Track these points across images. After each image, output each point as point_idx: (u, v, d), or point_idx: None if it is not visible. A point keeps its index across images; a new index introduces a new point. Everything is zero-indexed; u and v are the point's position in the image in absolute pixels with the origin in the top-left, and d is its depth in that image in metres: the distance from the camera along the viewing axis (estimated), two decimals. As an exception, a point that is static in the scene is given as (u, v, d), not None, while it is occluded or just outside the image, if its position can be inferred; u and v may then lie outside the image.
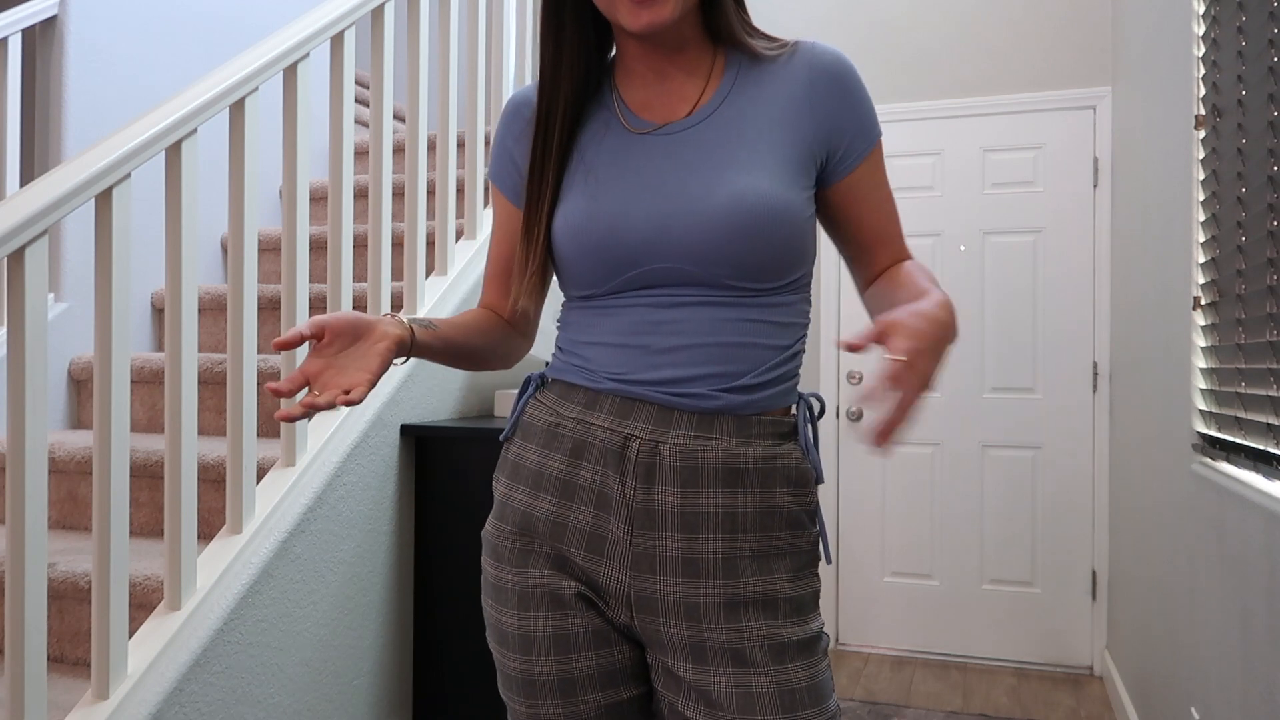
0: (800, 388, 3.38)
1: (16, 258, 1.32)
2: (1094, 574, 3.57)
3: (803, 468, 1.02)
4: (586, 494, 1.00)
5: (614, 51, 1.11)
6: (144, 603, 1.74)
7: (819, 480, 1.04)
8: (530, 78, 2.85)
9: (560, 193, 1.04)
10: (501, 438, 1.10)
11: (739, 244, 0.97)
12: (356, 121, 4.21)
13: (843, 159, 1.05)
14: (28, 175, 2.75)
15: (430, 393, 2.19)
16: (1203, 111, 2.05)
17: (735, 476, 0.98)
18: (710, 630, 0.97)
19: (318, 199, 3.24)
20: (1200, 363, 2.04)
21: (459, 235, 2.82)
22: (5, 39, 2.48)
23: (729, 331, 1.00)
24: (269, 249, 3.00)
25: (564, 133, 1.05)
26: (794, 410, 1.05)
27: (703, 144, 1.01)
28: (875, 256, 1.10)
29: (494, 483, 1.09)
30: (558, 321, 1.13)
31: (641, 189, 1.01)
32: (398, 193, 3.13)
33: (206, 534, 2.04)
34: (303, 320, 1.83)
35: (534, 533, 1.02)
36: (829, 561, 1.04)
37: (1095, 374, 3.57)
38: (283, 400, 1.01)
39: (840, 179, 1.06)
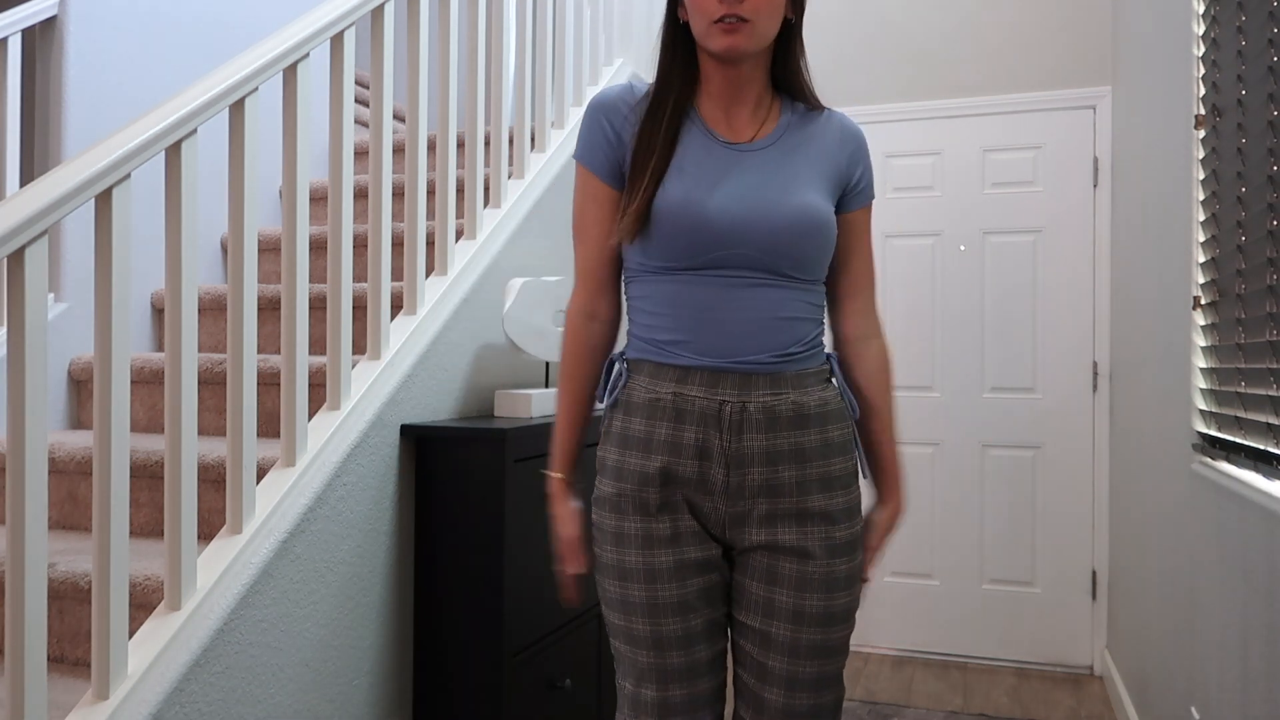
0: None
1: (16, 258, 1.32)
2: (1094, 574, 3.57)
3: (842, 407, 1.35)
4: (691, 450, 1.28)
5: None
6: (144, 603, 1.74)
7: (855, 415, 1.38)
8: (530, 78, 2.85)
9: (666, 172, 1.29)
10: (604, 405, 1.37)
11: (799, 242, 1.28)
12: (356, 121, 4.21)
13: (851, 200, 1.38)
14: (28, 175, 2.75)
15: (430, 393, 2.19)
16: (1203, 111, 2.05)
17: (802, 420, 1.29)
18: (783, 533, 1.30)
19: (318, 199, 3.24)
20: (1200, 363, 2.04)
21: (459, 235, 2.82)
22: (5, 39, 2.48)
23: (785, 309, 1.29)
24: (269, 249, 3.00)
25: (673, 124, 1.30)
26: (825, 364, 1.36)
27: (770, 164, 1.31)
28: (853, 290, 1.41)
29: (601, 452, 1.36)
30: (629, 284, 1.37)
31: (729, 188, 1.28)
32: (398, 193, 3.13)
33: (206, 534, 2.04)
34: (302, 320, 1.83)
35: (650, 485, 1.29)
36: (866, 476, 1.42)
37: (1095, 374, 3.57)
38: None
39: (843, 214, 1.39)
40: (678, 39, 1.34)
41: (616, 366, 1.38)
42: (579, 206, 1.37)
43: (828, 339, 1.88)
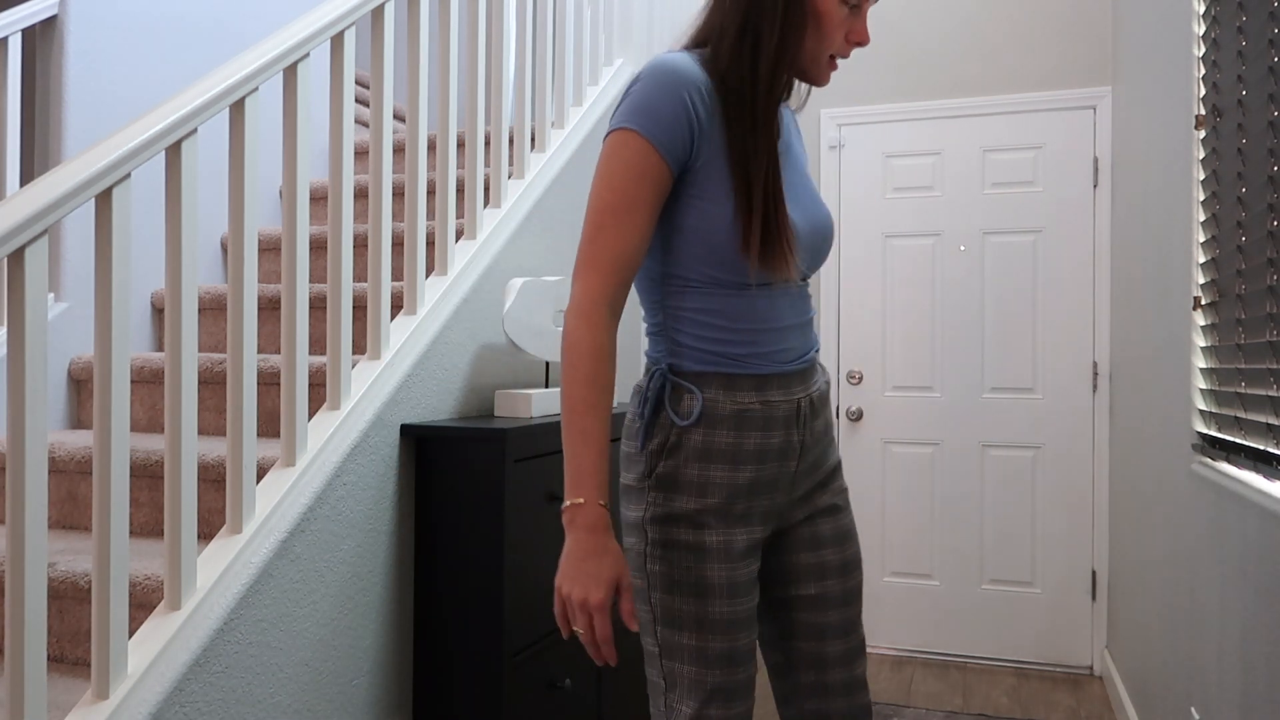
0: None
1: (16, 258, 1.32)
2: (1094, 574, 3.57)
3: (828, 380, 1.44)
4: (775, 453, 1.27)
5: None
6: (144, 603, 1.74)
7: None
8: (530, 77, 2.85)
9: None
10: (684, 422, 1.25)
11: (829, 247, 1.35)
12: (356, 121, 4.21)
13: None
14: (28, 175, 2.75)
15: (430, 393, 2.19)
16: (1203, 111, 2.05)
17: (825, 400, 1.37)
18: (820, 499, 1.36)
19: (318, 199, 3.24)
20: (1200, 363, 2.04)
21: (459, 235, 2.81)
22: (5, 39, 2.48)
23: (811, 308, 1.35)
24: (269, 249, 3.00)
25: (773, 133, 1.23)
26: None
27: (795, 169, 1.33)
28: None
29: (668, 468, 1.25)
30: (663, 291, 1.28)
31: (802, 199, 1.30)
32: (398, 193, 3.13)
33: (206, 534, 2.04)
34: (302, 320, 1.83)
35: (739, 497, 1.25)
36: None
37: (1095, 374, 3.57)
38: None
39: None
40: (808, 29, 1.22)
41: (666, 380, 1.26)
42: (624, 184, 1.18)
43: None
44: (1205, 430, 1.97)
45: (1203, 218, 2.05)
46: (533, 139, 3.09)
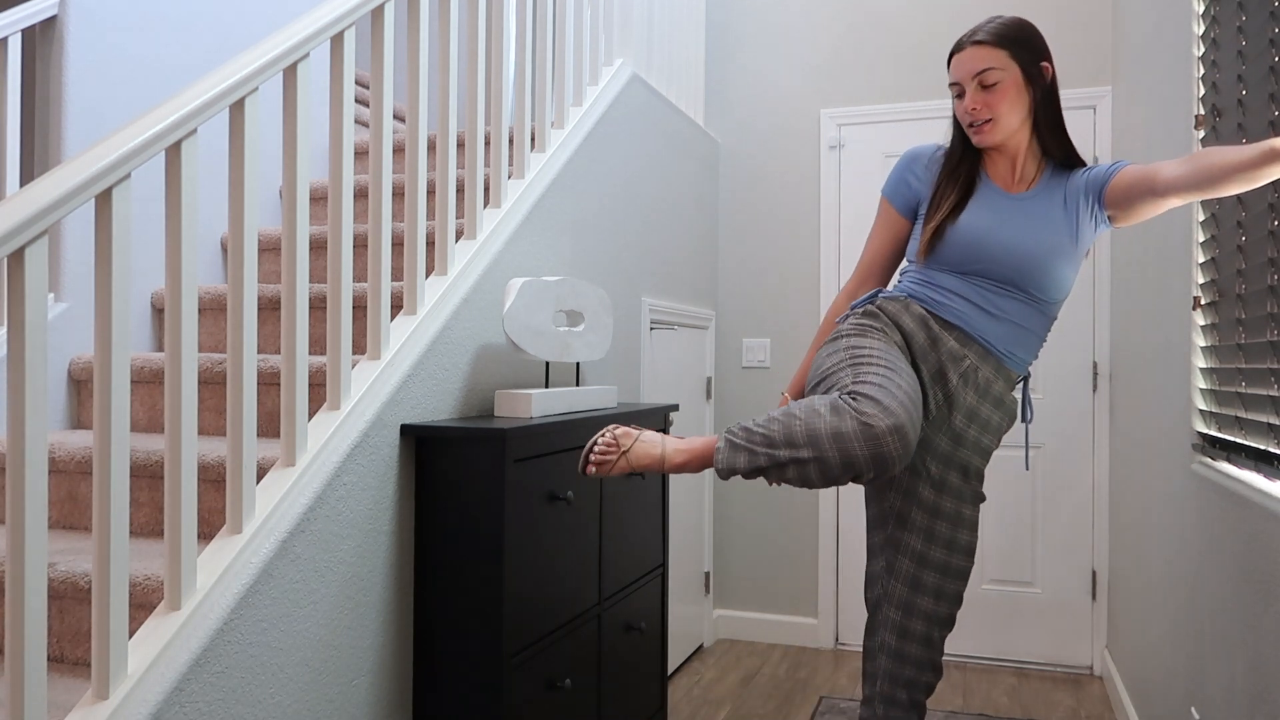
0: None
1: (16, 258, 1.32)
2: (1094, 574, 3.57)
3: (1015, 407, 1.85)
4: (933, 364, 1.77)
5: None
6: (144, 603, 1.74)
7: (1028, 419, 1.94)
8: (530, 77, 2.85)
9: (963, 210, 1.79)
10: (893, 288, 1.89)
11: (1034, 269, 1.73)
12: (356, 121, 4.21)
13: (1105, 185, 1.73)
14: (28, 175, 2.75)
15: (430, 393, 2.19)
16: (1203, 111, 2.05)
17: (999, 403, 1.80)
18: (951, 477, 1.79)
19: (318, 199, 3.24)
20: (1200, 363, 2.04)
21: (459, 235, 2.81)
22: (5, 39, 2.48)
23: (1021, 318, 1.77)
24: (269, 249, 3.00)
25: (965, 182, 1.82)
26: (1022, 376, 1.85)
27: (1029, 210, 1.77)
28: (1149, 175, 1.63)
29: (873, 308, 1.80)
30: (904, 272, 1.92)
31: (1001, 225, 1.76)
32: (398, 193, 3.13)
33: (206, 534, 2.04)
34: (302, 320, 1.83)
35: (905, 342, 1.79)
36: (1027, 469, 2.43)
37: (1095, 374, 3.57)
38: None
39: (1107, 191, 1.73)
40: (961, 129, 1.86)
41: (879, 293, 1.85)
42: (875, 222, 1.97)
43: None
44: (1205, 430, 1.97)
45: (1202, 218, 2.05)
46: (533, 139, 3.09)
